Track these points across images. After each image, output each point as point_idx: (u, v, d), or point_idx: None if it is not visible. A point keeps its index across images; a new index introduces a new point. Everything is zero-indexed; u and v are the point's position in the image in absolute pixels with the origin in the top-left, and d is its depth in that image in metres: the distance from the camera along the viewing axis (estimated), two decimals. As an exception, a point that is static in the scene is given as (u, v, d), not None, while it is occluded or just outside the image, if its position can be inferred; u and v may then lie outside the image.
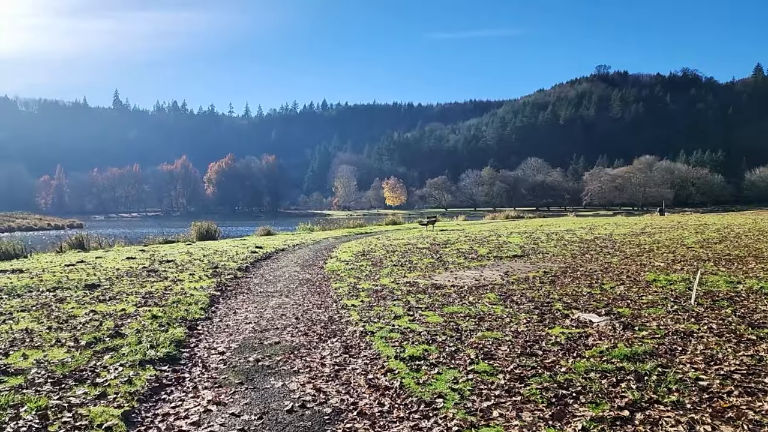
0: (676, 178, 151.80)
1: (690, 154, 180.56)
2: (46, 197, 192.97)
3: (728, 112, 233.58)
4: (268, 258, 20.98)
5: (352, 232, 38.60)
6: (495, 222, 53.80)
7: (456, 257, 18.69)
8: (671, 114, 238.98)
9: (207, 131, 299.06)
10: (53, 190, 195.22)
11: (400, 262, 17.85)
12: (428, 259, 18.43)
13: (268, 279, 15.35)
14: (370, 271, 15.81)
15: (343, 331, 8.87)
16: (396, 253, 20.68)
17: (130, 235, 47.55)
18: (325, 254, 21.96)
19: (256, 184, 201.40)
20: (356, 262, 18.32)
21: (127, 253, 22.42)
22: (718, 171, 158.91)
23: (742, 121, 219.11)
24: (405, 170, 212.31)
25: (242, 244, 27.04)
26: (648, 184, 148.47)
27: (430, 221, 39.76)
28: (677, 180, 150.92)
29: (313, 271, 16.95)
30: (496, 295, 11.24)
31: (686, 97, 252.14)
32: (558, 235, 26.72)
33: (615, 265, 15.43)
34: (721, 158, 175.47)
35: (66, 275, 15.34)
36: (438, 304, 10.49)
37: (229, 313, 10.68)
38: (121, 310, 10.46)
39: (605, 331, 8.01)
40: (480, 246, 22.25)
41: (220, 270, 16.57)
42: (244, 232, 51.31)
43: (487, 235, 28.66)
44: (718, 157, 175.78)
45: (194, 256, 20.72)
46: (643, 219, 47.89)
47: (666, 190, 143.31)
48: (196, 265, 17.76)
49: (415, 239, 27.32)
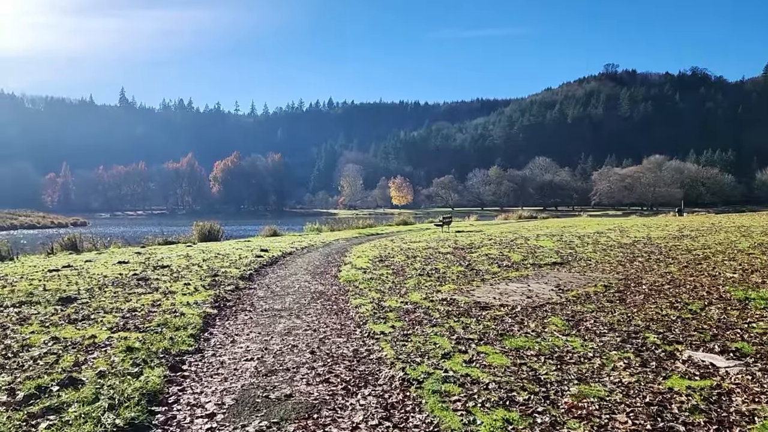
0: (686, 177, 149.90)
1: (700, 154, 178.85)
2: (52, 195, 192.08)
3: (738, 111, 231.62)
4: (274, 263, 18.76)
5: (362, 233, 36.43)
6: (510, 222, 51.52)
7: (488, 264, 16.42)
8: (680, 113, 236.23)
9: (213, 129, 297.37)
10: (59, 188, 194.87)
11: (425, 270, 15.56)
12: (457, 266, 16.15)
13: (275, 291, 13.10)
14: (394, 283, 13.53)
15: (375, 376, 6.61)
16: (417, 259, 18.39)
17: (131, 235, 45.80)
18: (338, 259, 19.70)
19: (261, 182, 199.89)
20: (374, 270, 16.05)
21: (121, 256, 20.22)
22: (729, 171, 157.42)
23: (752, 121, 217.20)
24: (411, 169, 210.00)
25: (246, 246, 24.76)
26: (658, 184, 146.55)
27: (445, 221, 37.39)
28: (687, 180, 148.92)
29: (326, 280, 14.70)
30: (562, 321, 8.96)
31: (695, 96, 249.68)
32: (591, 239, 24.43)
33: (680, 277, 13.18)
34: (731, 158, 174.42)
35: (44, 284, 13.19)
36: (493, 334, 8.17)
37: (225, 343, 8.39)
38: (91, 338, 8.22)
39: (746, 384, 5.75)
40: (510, 251, 19.95)
41: (220, 279, 14.34)
42: (249, 232, 49.39)
43: (511, 237, 26.34)
44: (728, 157, 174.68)
45: (193, 260, 18.51)
46: (665, 220, 45.53)
47: (676, 190, 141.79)
48: (194, 272, 15.54)
49: (434, 242, 25.04)
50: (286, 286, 13.89)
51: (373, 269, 16.20)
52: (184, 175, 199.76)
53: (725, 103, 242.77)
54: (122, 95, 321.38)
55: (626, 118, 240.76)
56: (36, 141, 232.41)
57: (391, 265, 16.97)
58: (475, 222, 52.39)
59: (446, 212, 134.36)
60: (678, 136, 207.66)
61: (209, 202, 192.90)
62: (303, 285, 13.99)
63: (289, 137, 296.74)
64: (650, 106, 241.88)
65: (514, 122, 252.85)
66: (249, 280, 14.88)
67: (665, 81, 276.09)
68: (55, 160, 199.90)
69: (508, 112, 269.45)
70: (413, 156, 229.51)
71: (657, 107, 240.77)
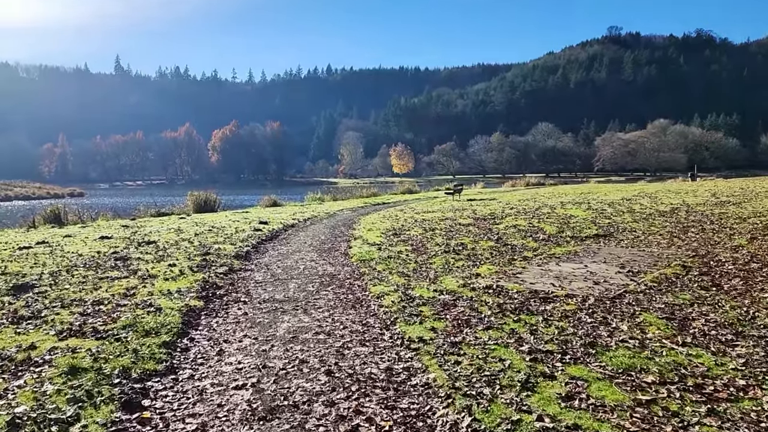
0: (690, 142, 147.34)
1: (704, 118, 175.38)
2: (49, 165, 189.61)
3: (743, 74, 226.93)
4: (274, 238, 16.57)
5: (368, 203, 34.26)
6: (520, 189, 49.25)
7: (521, 239, 14.21)
8: (685, 76, 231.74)
9: (210, 97, 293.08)
10: (56, 159, 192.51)
11: (450, 246, 13.33)
12: (485, 241, 13.93)
13: (276, 274, 10.91)
14: (417, 263, 11.32)
15: (427, 420, 4.43)
16: (437, 232, 16.14)
17: (125, 206, 43.44)
18: (346, 232, 17.50)
19: (261, 151, 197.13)
20: (390, 246, 13.84)
21: (106, 230, 18.07)
22: (733, 135, 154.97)
23: (757, 84, 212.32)
24: (412, 136, 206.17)
25: (244, 218, 22.51)
26: (662, 149, 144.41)
27: (456, 189, 34.99)
28: (691, 144, 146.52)
29: (335, 259, 12.52)
30: (659, 319, 6.76)
31: (700, 59, 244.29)
32: (623, 206, 22.07)
33: (759, 252, 10.99)
34: (735, 122, 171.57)
35: (5, 265, 11.10)
36: (578, 343, 5.96)
37: (209, 355, 6.19)
38: (28, 349, 6.07)
39: None
40: (540, 221, 17.70)
41: (212, 258, 12.17)
42: (248, 202, 47.33)
43: (534, 206, 24.05)
44: (732, 121, 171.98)
45: (184, 234, 16.36)
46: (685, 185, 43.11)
47: (680, 155, 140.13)
48: (183, 249, 13.37)
49: (449, 212, 22.78)
50: (288, 266, 11.71)
51: (389, 245, 14.01)
52: (182, 144, 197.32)
53: (730, 66, 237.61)
54: (117, 63, 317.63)
55: (630, 82, 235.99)
56: (32, 112, 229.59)
57: (409, 240, 14.78)
58: (483, 189, 50.12)
59: (449, 180, 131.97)
60: (682, 100, 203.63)
61: (208, 171, 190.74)
62: (309, 265, 11.81)
63: (287, 105, 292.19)
64: (654, 70, 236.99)
65: (515, 87, 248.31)
66: (245, 259, 12.73)
67: (669, 44, 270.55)
68: (51, 131, 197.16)
69: (509, 78, 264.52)
70: (414, 123, 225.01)
71: (661, 71, 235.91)
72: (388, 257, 12.18)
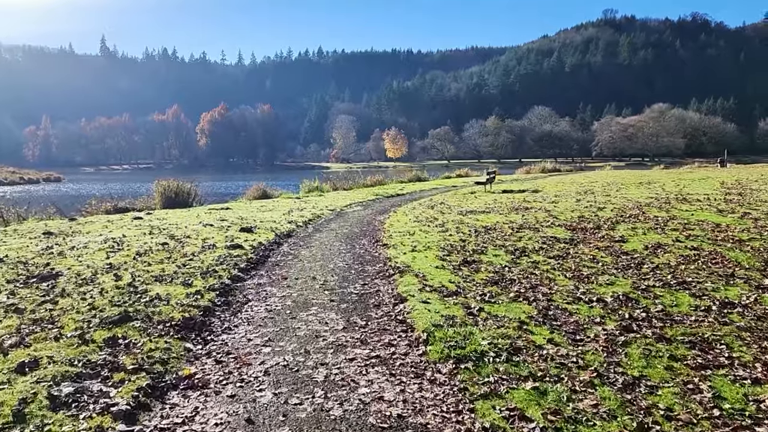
0: (688, 127, 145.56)
1: (701, 102, 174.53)
2: (33, 149, 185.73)
3: (740, 58, 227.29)
4: (260, 265, 10.82)
5: (378, 194, 28.75)
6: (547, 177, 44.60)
7: (705, 275, 9.07)
8: (681, 60, 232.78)
9: (199, 80, 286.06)
10: (40, 142, 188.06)
11: (608, 305, 8.06)
12: (676, 293, 8.78)
13: (257, 408, 5.60)
14: (582, 366, 6.07)
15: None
16: (532, 255, 10.75)
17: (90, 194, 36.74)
18: (374, 252, 11.90)
19: (251, 135, 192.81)
20: (476, 292, 8.35)
21: (11, 241, 12.90)
22: (731, 119, 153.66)
23: (754, 68, 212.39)
24: (405, 120, 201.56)
25: (221, 220, 16.73)
26: (660, 134, 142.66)
27: (489, 179, 29.14)
28: (689, 129, 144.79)
29: (380, 336, 6.91)
30: None
31: (696, 43, 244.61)
32: (720, 198, 16.78)
33: None
34: (732, 106, 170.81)
35: None
36: None
37: None
38: None
39: None
40: (676, 232, 12.43)
41: (130, 332, 6.83)
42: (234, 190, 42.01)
43: (603, 200, 18.82)
44: (729, 105, 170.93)
45: (116, 257, 10.66)
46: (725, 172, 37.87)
47: (679, 140, 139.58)
48: (87, 302, 7.64)
49: (508, 211, 17.35)
50: (288, 378, 5.70)
51: (472, 289, 8.32)
52: (170, 127, 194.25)
53: (726, 50, 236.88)
54: (103, 43, 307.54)
55: (626, 66, 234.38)
56: (15, 93, 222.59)
57: (504, 279, 8.93)
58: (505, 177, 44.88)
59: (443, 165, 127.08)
60: (679, 85, 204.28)
61: (197, 155, 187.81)
62: (331, 368, 5.80)
63: (278, 88, 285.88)
64: (650, 54, 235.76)
65: (510, 71, 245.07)
66: (198, 331, 6.88)
67: (665, 27, 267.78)
68: (35, 113, 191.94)
69: (503, 61, 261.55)
70: (407, 107, 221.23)
71: (657, 54, 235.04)
72: (495, 338, 6.29)
